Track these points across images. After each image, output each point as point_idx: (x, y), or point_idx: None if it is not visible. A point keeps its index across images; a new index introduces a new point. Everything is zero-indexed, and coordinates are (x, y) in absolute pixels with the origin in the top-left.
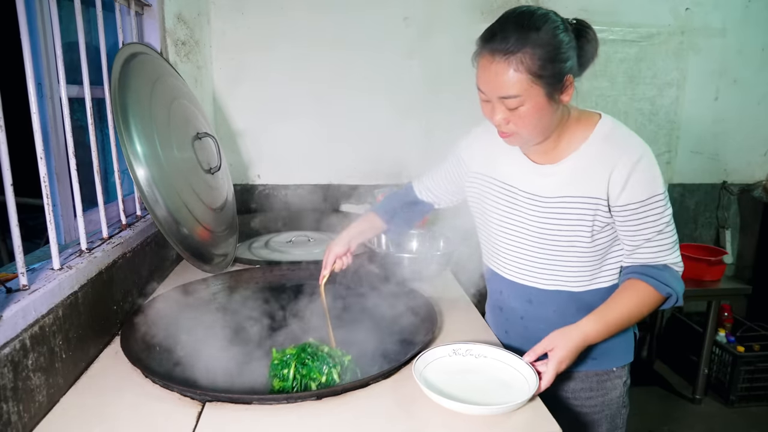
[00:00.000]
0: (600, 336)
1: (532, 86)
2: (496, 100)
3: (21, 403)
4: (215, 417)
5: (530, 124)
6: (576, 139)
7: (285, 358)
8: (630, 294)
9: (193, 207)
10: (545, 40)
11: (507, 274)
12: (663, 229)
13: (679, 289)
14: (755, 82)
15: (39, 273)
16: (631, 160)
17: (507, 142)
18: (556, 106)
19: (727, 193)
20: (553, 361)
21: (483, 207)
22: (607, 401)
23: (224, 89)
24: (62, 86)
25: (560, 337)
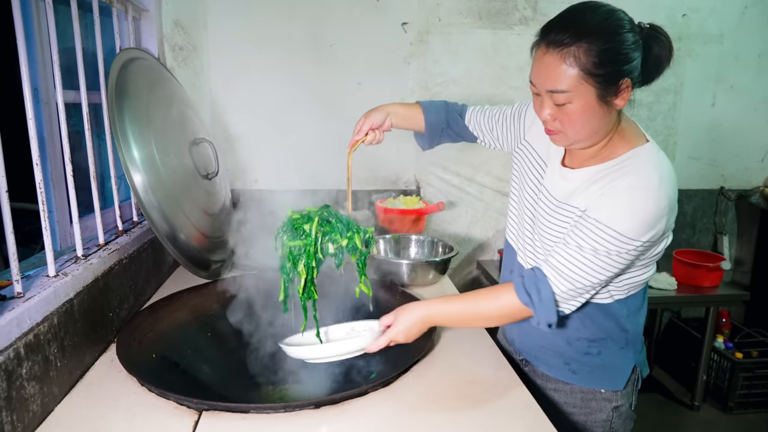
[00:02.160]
0: (445, 320)
1: (583, 83)
2: (545, 94)
3: (15, 413)
4: (212, 427)
5: (577, 124)
6: (611, 154)
7: (306, 213)
8: (492, 292)
9: (190, 213)
10: (604, 37)
11: (520, 255)
12: (585, 252)
13: (542, 310)
14: (752, 88)
15: (34, 280)
16: (631, 186)
17: (552, 140)
18: (608, 109)
19: (725, 198)
20: (389, 332)
21: (520, 179)
22: (591, 422)
23: (222, 94)
24: (59, 92)
25: (403, 311)
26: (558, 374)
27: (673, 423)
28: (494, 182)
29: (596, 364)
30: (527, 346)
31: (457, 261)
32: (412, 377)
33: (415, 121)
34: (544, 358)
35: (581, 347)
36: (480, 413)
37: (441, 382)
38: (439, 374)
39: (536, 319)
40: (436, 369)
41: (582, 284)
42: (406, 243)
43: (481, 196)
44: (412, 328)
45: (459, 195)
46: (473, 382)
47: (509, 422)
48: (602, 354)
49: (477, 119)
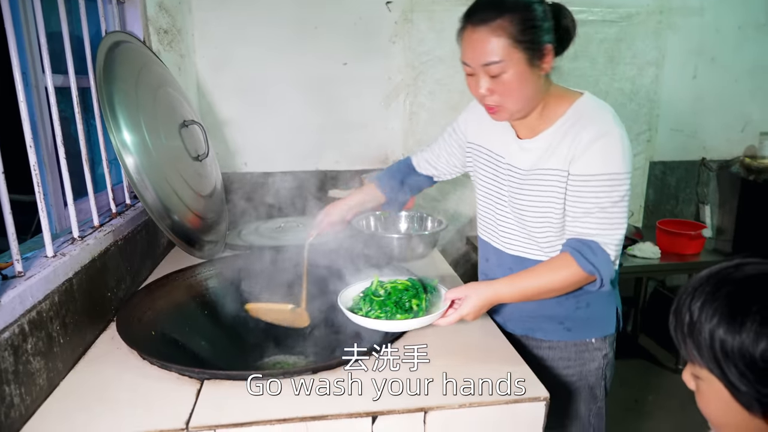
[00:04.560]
0: (511, 298)
1: (513, 51)
2: (480, 70)
3: (22, 386)
4: (214, 393)
5: (514, 93)
6: (555, 114)
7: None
8: (552, 267)
9: (182, 194)
10: (522, 8)
11: (493, 242)
12: (607, 207)
13: (605, 272)
14: (732, 61)
15: (33, 261)
16: (597, 134)
17: (493, 117)
18: (537, 73)
19: (707, 169)
20: (460, 309)
21: (476, 176)
22: (585, 372)
23: (208, 78)
24: (48, 75)
25: (474, 290)
26: (555, 336)
27: (658, 386)
28: None
29: (586, 317)
30: (521, 322)
31: (447, 237)
32: (405, 342)
33: (376, 200)
34: (540, 326)
35: (571, 305)
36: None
37: (433, 347)
38: (432, 340)
39: (599, 282)
40: (429, 337)
41: (621, 234)
42: (396, 219)
43: None
44: (482, 308)
45: None
46: (466, 347)
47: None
48: (590, 306)
49: (425, 160)
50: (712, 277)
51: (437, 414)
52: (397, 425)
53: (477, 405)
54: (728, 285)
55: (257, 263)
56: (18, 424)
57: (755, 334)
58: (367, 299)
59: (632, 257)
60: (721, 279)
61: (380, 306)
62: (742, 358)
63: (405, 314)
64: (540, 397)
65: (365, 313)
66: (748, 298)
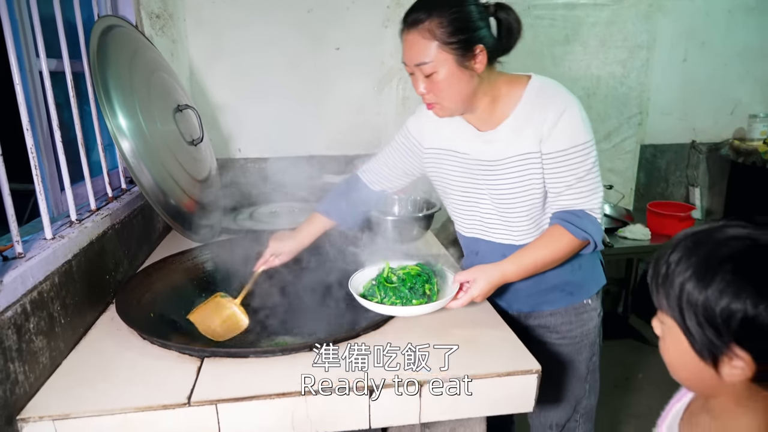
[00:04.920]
0: (517, 276)
1: (442, 53)
2: (416, 70)
3: (26, 364)
4: (215, 370)
5: (446, 91)
6: (510, 102)
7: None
8: (549, 239)
9: (178, 178)
10: (452, 11)
11: (480, 235)
12: (583, 176)
13: (596, 235)
14: (722, 44)
15: (32, 243)
16: (557, 111)
17: (435, 114)
18: (469, 74)
19: (696, 152)
20: (471, 291)
21: (443, 179)
22: (585, 331)
23: (200, 64)
24: (42, 58)
25: (482, 272)
26: (560, 303)
27: (647, 364)
28: None
29: (582, 278)
30: (527, 299)
31: (440, 221)
32: (401, 321)
33: (325, 229)
34: (545, 299)
35: (567, 271)
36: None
37: (430, 324)
38: (425, 319)
39: (593, 245)
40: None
41: (601, 196)
42: (389, 202)
43: None
44: (491, 288)
45: None
46: (460, 322)
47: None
48: (582, 267)
49: (376, 174)
50: (695, 234)
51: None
52: (394, 398)
53: (472, 378)
54: (707, 244)
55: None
56: (23, 401)
57: (719, 291)
58: (381, 286)
59: (623, 239)
60: (702, 237)
61: (394, 292)
62: (703, 311)
63: (420, 299)
64: (532, 369)
65: (380, 300)
66: (721, 257)
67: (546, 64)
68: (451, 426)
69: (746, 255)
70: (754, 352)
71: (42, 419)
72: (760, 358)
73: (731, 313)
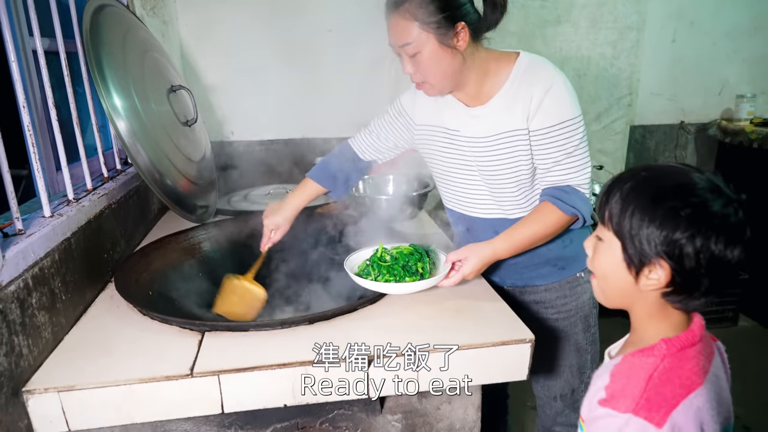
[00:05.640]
0: (508, 253)
1: (422, 33)
2: (401, 51)
3: (30, 338)
4: (216, 343)
5: (431, 70)
6: (499, 78)
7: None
8: (538, 216)
9: (174, 158)
10: None
11: (472, 212)
12: (572, 152)
13: (585, 210)
14: (711, 24)
15: (31, 221)
16: (544, 87)
17: (425, 93)
18: (452, 52)
19: (685, 132)
20: (463, 269)
21: (433, 155)
22: (580, 304)
23: (192, 45)
24: (36, 36)
25: (473, 251)
26: (553, 278)
27: None
28: None
29: (573, 252)
30: (519, 274)
31: (432, 203)
32: (396, 298)
33: (317, 194)
34: (538, 273)
35: (558, 246)
36: (462, 319)
37: (424, 299)
38: (423, 294)
39: (582, 220)
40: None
41: (589, 171)
42: (383, 182)
43: None
44: (483, 266)
45: None
46: (454, 296)
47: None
48: (573, 241)
49: (368, 144)
50: (649, 170)
51: (430, 357)
52: (391, 368)
53: (467, 348)
54: (659, 180)
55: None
56: (27, 374)
57: (661, 221)
58: (375, 265)
59: None
60: (654, 174)
61: (388, 270)
62: (647, 232)
63: (413, 277)
64: (526, 339)
65: (374, 278)
66: (669, 195)
67: (537, 45)
68: (447, 395)
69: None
70: (673, 267)
71: (47, 391)
72: (676, 273)
73: (666, 237)
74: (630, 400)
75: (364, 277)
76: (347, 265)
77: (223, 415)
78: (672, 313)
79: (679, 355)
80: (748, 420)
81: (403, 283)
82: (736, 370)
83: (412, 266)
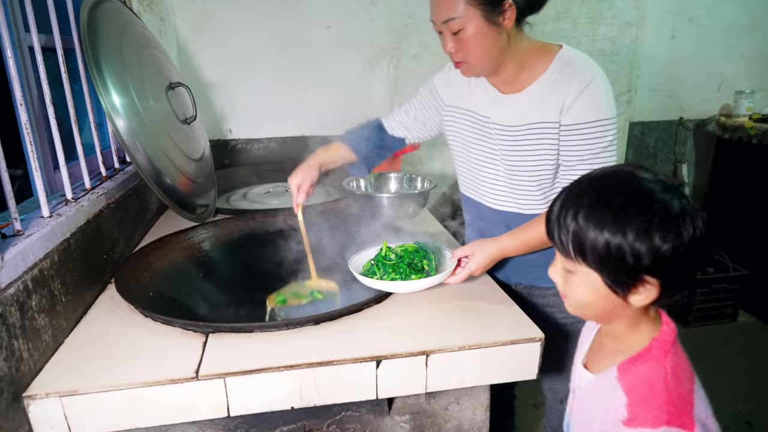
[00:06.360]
0: (516, 251)
1: (469, 8)
2: (443, 27)
3: (30, 342)
4: (220, 345)
5: (474, 49)
6: (538, 68)
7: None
8: None
9: (173, 157)
10: None
11: (488, 202)
12: (599, 153)
13: None
14: (709, 20)
15: (30, 221)
16: (582, 84)
17: (463, 73)
18: (497, 30)
19: (684, 129)
20: (469, 266)
21: (459, 138)
22: None
23: (189, 42)
24: (33, 32)
25: (480, 247)
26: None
27: None
28: None
29: None
30: (525, 273)
31: (433, 200)
32: (402, 296)
33: (345, 159)
34: (544, 274)
35: None
36: (469, 318)
37: (431, 298)
38: (430, 292)
39: None
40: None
41: None
42: (385, 180)
43: None
44: (489, 263)
45: None
46: (461, 294)
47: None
48: None
49: (398, 121)
50: (593, 183)
51: (439, 357)
52: (400, 368)
53: (476, 347)
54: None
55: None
56: (28, 378)
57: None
58: (380, 264)
59: None
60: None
61: (393, 269)
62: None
63: (418, 275)
64: (535, 337)
65: (380, 277)
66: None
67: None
68: (455, 395)
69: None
70: (662, 279)
71: (49, 396)
72: (666, 285)
73: (645, 251)
74: (659, 412)
75: (369, 276)
76: (352, 265)
77: (228, 418)
78: (648, 312)
79: (673, 350)
80: (750, 416)
81: (410, 280)
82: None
83: (418, 263)
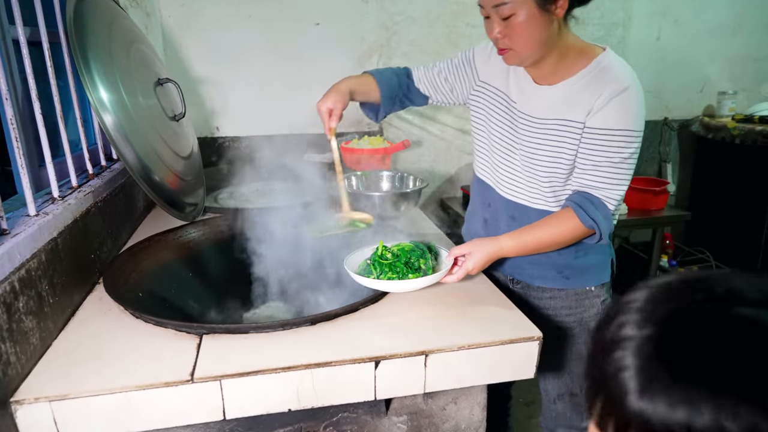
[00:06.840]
0: (514, 253)
1: None
2: (492, 12)
3: (17, 345)
4: (215, 346)
5: (523, 36)
6: (576, 65)
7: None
8: (555, 221)
9: (162, 154)
10: None
11: (499, 188)
12: (617, 163)
13: (604, 226)
14: (694, 22)
15: (16, 220)
16: (617, 89)
17: (504, 60)
18: (548, 18)
19: (668, 128)
20: (466, 264)
21: (484, 118)
22: (586, 318)
23: (175, 39)
24: (18, 23)
25: (477, 246)
26: (554, 284)
27: None
28: (455, 121)
29: (584, 265)
30: (520, 267)
31: (422, 199)
32: (399, 296)
33: (371, 93)
34: (539, 273)
35: (570, 254)
36: (467, 317)
37: (428, 298)
38: (426, 292)
39: (598, 236)
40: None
41: (623, 190)
42: (377, 179)
43: (442, 135)
44: (486, 262)
45: (421, 134)
46: (458, 294)
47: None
48: (588, 255)
49: (427, 77)
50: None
51: (438, 356)
52: (399, 369)
53: (475, 347)
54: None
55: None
56: (15, 383)
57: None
58: (376, 264)
59: None
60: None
61: (390, 268)
62: None
63: (415, 274)
64: (533, 336)
65: (377, 276)
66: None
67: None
68: (453, 395)
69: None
70: None
71: (38, 401)
72: None
73: None
74: None
75: (365, 276)
76: (347, 264)
77: (224, 421)
78: None
79: None
80: None
81: (406, 280)
82: None
83: (415, 263)
